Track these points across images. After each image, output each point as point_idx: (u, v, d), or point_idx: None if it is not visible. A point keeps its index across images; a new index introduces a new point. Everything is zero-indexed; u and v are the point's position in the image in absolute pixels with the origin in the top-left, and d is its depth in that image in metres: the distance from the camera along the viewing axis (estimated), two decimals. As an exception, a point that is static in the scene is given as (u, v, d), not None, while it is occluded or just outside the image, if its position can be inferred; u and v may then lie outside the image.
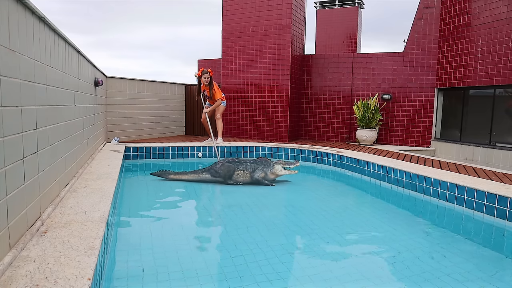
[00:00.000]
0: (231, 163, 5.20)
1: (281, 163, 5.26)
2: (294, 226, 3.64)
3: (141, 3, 46.78)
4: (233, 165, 5.18)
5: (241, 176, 5.19)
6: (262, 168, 5.22)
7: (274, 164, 5.24)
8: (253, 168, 5.21)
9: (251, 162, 5.29)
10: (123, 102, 7.96)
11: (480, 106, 7.52)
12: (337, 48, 16.78)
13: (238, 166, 5.20)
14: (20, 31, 2.16)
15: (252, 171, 5.19)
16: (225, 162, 5.23)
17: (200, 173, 5.28)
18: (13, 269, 1.78)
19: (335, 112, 9.07)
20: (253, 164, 5.25)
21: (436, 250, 3.06)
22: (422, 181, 4.64)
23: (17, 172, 2.06)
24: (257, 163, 5.27)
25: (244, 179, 5.19)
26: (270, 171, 5.22)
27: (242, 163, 5.25)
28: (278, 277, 2.47)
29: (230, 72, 9.17)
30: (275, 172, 5.23)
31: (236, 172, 5.16)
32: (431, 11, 8.13)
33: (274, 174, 5.24)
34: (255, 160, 5.35)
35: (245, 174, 5.20)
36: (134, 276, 2.43)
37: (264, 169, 5.22)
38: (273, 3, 8.46)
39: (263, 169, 5.22)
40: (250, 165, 5.23)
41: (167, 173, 5.31)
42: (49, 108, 2.83)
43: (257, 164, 5.25)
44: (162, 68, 50.59)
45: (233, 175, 5.15)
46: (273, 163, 5.27)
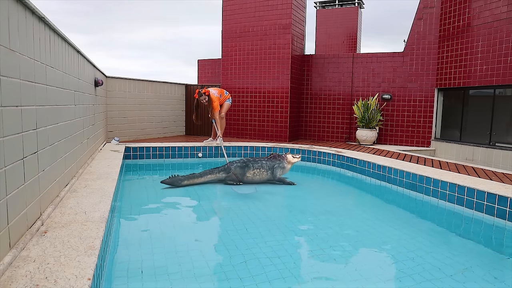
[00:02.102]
0: (246, 163, 5.22)
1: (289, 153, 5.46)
2: (294, 226, 3.64)
3: (141, 3, 46.77)
4: (250, 164, 5.20)
5: (257, 174, 5.19)
6: (279, 165, 5.27)
7: (286, 155, 5.34)
8: (269, 166, 5.22)
9: (266, 160, 5.31)
10: (123, 102, 7.96)
11: (480, 106, 7.52)
12: (337, 48, 16.78)
13: (254, 165, 5.20)
14: (20, 31, 2.16)
15: (268, 169, 5.21)
16: (241, 161, 5.25)
17: (217, 172, 5.18)
18: (13, 269, 1.78)
19: (335, 112, 9.07)
20: (269, 162, 5.25)
21: (436, 250, 3.06)
22: (422, 181, 4.64)
23: (17, 172, 2.06)
24: (271, 160, 5.29)
25: (260, 178, 5.19)
26: (286, 164, 5.30)
27: (257, 161, 5.25)
28: (278, 276, 2.47)
29: (230, 72, 9.17)
30: (290, 161, 5.32)
31: (252, 171, 5.17)
32: (431, 11, 8.13)
33: (290, 164, 5.32)
34: (269, 158, 5.37)
35: (262, 172, 5.21)
36: (134, 276, 2.43)
37: (281, 165, 5.28)
38: (273, 3, 8.46)
39: (279, 165, 5.27)
40: (266, 163, 5.23)
41: (179, 179, 4.94)
42: (49, 108, 2.83)
43: (272, 162, 5.26)
44: (162, 68, 50.58)
45: (248, 174, 5.18)
46: (283, 155, 5.37)
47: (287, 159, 5.31)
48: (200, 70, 12.83)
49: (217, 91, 7.16)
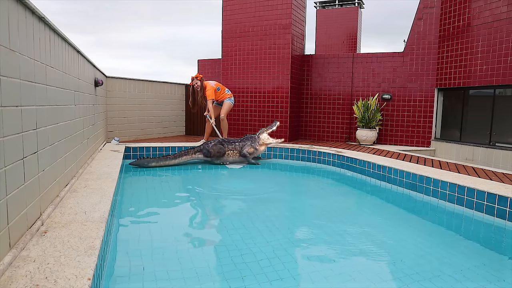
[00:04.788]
0: (222, 144, 5.32)
1: (264, 130, 5.43)
2: (294, 226, 3.64)
3: (141, 3, 46.80)
4: (224, 146, 5.31)
5: (231, 156, 5.37)
6: (251, 144, 5.36)
7: (259, 135, 5.40)
8: (241, 147, 5.34)
9: (239, 141, 5.45)
10: (123, 102, 7.96)
11: (480, 106, 7.52)
12: (337, 48, 16.78)
13: (228, 146, 5.34)
14: (20, 31, 2.16)
15: (240, 149, 5.31)
16: (217, 142, 5.35)
17: (192, 153, 5.37)
18: (13, 269, 1.78)
19: (335, 112, 9.07)
20: (241, 143, 5.41)
21: (436, 250, 3.06)
22: (422, 181, 4.64)
23: (17, 172, 2.06)
24: (243, 140, 5.41)
25: (234, 159, 5.38)
26: (258, 144, 5.38)
27: (231, 142, 5.41)
28: (278, 276, 2.47)
29: (230, 72, 9.17)
30: (263, 141, 5.38)
31: (226, 152, 5.30)
32: (431, 11, 8.13)
33: (263, 145, 5.39)
34: (242, 139, 5.49)
35: (235, 153, 5.38)
36: (134, 276, 2.43)
37: (253, 144, 5.35)
38: (273, 3, 8.46)
39: (251, 144, 5.35)
40: (239, 144, 5.39)
41: (146, 161, 5.25)
42: (49, 108, 2.83)
43: (244, 142, 5.40)
44: (162, 68, 50.60)
45: (224, 155, 5.28)
46: (257, 134, 5.41)
47: (260, 141, 5.38)
48: (200, 70, 12.80)
49: (215, 83, 7.26)
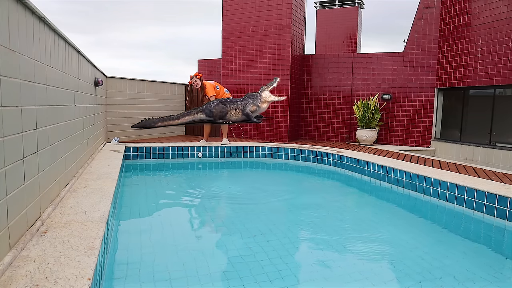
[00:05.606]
0: (224, 104, 5.33)
1: (265, 88, 5.43)
2: (294, 226, 3.64)
3: (141, 3, 46.79)
4: (227, 106, 5.32)
5: (233, 115, 5.39)
6: (253, 102, 5.36)
7: (261, 93, 5.40)
8: (243, 105, 5.35)
9: (241, 100, 5.46)
10: (123, 102, 7.96)
11: (480, 106, 7.52)
12: (337, 48, 16.78)
13: (230, 106, 5.36)
14: (20, 31, 2.16)
15: (242, 108, 5.31)
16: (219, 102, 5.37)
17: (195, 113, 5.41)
18: (13, 269, 1.78)
19: (335, 112, 9.07)
20: (243, 101, 5.42)
21: (436, 250, 3.06)
22: (422, 181, 4.64)
23: (17, 172, 2.06)
24: (245, 99, 5.42)
25: (236, 118, 5.38)
26: (260, 102, 5.38)
27: (233, 102, 5.43)
28: (278, 276, 2.47)
29: (230, 72, 9.17)
30: (265, 99, 5.38)
31: (229, 112, 5.31)
32: (431, 11, 8.13)
33: (265, 102, 5.40)
34: (244, 98, 5.49)
35: (237, 113, 5.39)
36: (134, 275, 2.43)
37: (255, 102, 5.35)
38: (273, 3, 8.46)
39: (253, 102, 5.35)
40: (241, 103, 5.40)
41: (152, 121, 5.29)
42: (49, 108, 2.83)
43: (246, 100, 5.40)
44: (162, 68, 50.59)
45: (226, 115, 5.30)
46: (259, 92, 5.42)
47: (262, 98, 5.39)
48: (200, 70, 12.80)
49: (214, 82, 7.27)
